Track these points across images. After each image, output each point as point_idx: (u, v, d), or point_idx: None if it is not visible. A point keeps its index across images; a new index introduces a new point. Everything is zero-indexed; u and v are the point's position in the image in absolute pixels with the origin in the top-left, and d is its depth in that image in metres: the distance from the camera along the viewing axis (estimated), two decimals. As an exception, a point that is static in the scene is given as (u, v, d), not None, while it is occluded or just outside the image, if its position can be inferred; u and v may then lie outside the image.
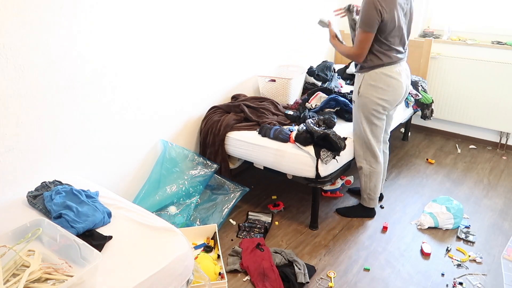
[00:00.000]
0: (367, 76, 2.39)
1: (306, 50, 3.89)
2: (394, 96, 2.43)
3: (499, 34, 3.67)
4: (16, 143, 1.91)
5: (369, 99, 2.41)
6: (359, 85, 2.43)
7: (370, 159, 2.59)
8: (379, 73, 2.36)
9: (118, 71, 2.27)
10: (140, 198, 2.46)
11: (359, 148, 2.60)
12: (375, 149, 2.56)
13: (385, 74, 2.36)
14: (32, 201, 1.80)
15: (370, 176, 2.63)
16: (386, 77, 2.36)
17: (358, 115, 2.51)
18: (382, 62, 2.34)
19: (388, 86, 2.38)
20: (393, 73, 2.37)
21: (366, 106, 2.44)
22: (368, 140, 2.53)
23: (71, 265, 1.42)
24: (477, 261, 2.36)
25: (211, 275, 2.06)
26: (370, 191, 2.68)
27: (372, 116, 2.46)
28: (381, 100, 2.40)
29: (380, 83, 2.37)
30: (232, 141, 2.70)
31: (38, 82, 1.91)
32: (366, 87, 2.40)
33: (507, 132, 3.78)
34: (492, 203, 2.96)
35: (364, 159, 2.61)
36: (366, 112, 2.46)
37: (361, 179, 2.69)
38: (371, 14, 2.20)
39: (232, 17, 2.94)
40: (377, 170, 2.62)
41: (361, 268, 2.31)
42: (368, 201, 2.73)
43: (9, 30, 1.76)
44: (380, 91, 2.38)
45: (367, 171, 2.63)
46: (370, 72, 2.37)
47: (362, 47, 2.30)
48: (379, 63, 2.34)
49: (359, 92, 2.43)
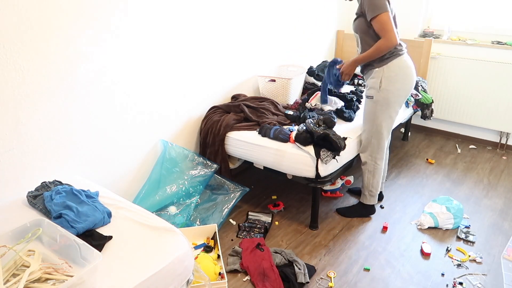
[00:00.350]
0: (387, 69, 2.40)
1: (306, 50, 3.89)
2: (411, 84, 2.49)
3: (499, 34, 3.68)
4: (16, 143, 1.91)
5: (391, 91, 2.43)
6: (380, 79, 2.42)
7: (376, 155, 2.61)
8: (396, 63, 2.39)
9: (118, 71, 2.27)
10: (140, 198, 2.46)
11: (367, 143, 2.60)
12: (384, 145, 2.59)
13: (402, 64, 2.41)
14: (32, 201, 1.80)
15: (374, 173, 2.64)
16: (403, 67, 2.42)
17: (376, 110, 2.49)
18: (397, 51, 2.38)
19: (406, 75, 2.43)
20: (407, 61, 2.44)
21: (388, 99, 2.45)
22: (381, 135, 2.55)
23: (71, 265, 1.42)
24: (477, 261, 2.36)
25: (211, 275, 2.06)
26: (372, 187, 2.68)
27: (393, 109, 2.49)
28: (402, 90, 2.45)
29: (400, 74, 2.41)
30: (232, 141, 2.71)
31: (38, 82, 1.92)
32: (388, 80, 2.41)
33: (507, 132, 3.78)
34: (492, 203, 2.96)
35: (370, 155, 2.62)
36: (388, 106, 2.47)
37: (364, 175, 2.69)
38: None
39: (232, 17, 2.94)
40: (380, 166, 2.64)
41: (361, 268, 2.31)
42: (369, 198, 2.73)
43: (9, 30, 1.76)
44: (401, 81, 2.42)
45: (371, 167, 2.64)
46: (388, 64, 2.39)
47: (390, 29, 2.27)
48: (395, 52, 2.38)
49: (381, 87, 2.42)
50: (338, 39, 4.27)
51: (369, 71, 2.50)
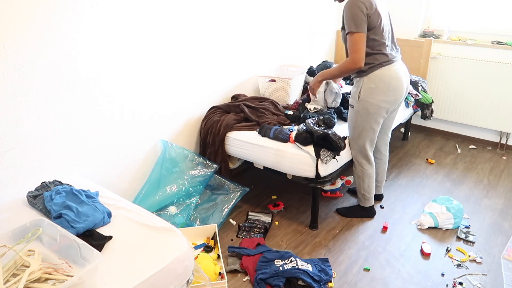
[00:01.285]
0: (367, 80, 2.35)
1: (306, 50, 3.89)
2: (395, 96, 2.40)
3: (499, 34, 3.67)
4: (16, 143, 1.91)
5: (370, 103, 2.37)
6: (359, 89, 2.38)
7: (362, 161, 2.59)
8: (378, 74, 2.33)
9: (118, 71, 2.27)
10: (140, 198, 2.46)
11: (352, 149, 2.60)
12: (368, 153, 2.56)
13: (384, 75, 2.33)
14: (32, 201, 1.80)
15: (363, 178, 2.64)
16: (385, 78, 2.33)
17: (356, 120, 2.46)
18: (379, 62, 2.31)
19: (388, 87, 2.35)
20: (392, 72, 2.34)
21: (367, 110, 2.39)
22: (364, 144, 2.52)
23: (71, 265, 1.42)
24: (477, 261, 2.36)
25: (211, 275, 2.06)
26: (364, 191, 2.68)
27: (373, 121, 2.43)
28: (383, 102, 2.37)
29: (380, 85, 2.34)
30: (232, 141, 2.71)
31: (38, 82, 1.92)
32: (367, 91, 2.36)
33: (507, 132, 3.78)
34: (492, 203, 2.96)
35: (357, 161, 2.61)
36: (367, 118, 2.42)
37: (354, 179, 2.70)
38: (356, 13, 2.18)
39: (232, 17, 2.94)
40: (369, 171, 2.62)
41: (361, 268, 2.31)
42: (363, 201, 2.74)
43: (9, 30, 1.76)
44: (381, 93, 2.35)
45: (359, 172, 2.63)
46: (369, 75, 2.34)
47: (358, 50, 2.22)
48: (376, 63, 2.31)
49: (359, 97, 2.38)
50: (338, 39, 4.28)
51: (353, 79, 2.48)
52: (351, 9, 2.20)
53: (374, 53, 2.31)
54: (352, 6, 2.19)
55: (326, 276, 2.17)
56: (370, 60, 2.31)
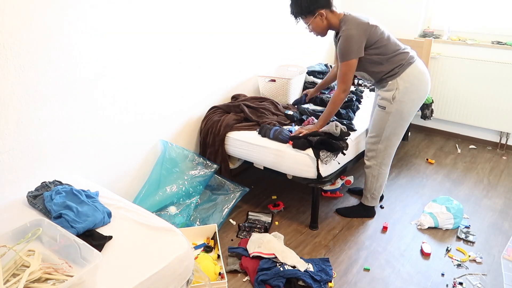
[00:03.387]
0: (401, 81, 2.34)
1: (306, 50, 3.89)
2: (427, 90, 2.44)
3: (499, 34, 3.67)
4: (16, 143, 1.91)
5: (405, 103, 2.36)
6: (394, 92, 2.35)
7: (382, 161, 2.57)
8: (410, 73, 2.33)
9: (118, 71, 2.27)
10: (140, 198, 2.46)
11: (374, 149, 2.56)
12: (393, 152, 2.56)
13: (416, 72, 2.35)
14: (32, 201, 1.80)
15: (378, 177, 2.63)
16: (418, 74, 2.36)
17: (387, 121, 2.42)
18: (405, 60, 2.33)
19: (421, 82, 2.38)
20: (421, 67, 2.39)
21: (402, 111, 2.38)
22: (391, 143, 2.51)
23: (71, 265, 1.42)
24: (477, 261, 2.36)
25: (211, 275, 2.06)
26: (375, 190, 2.68)
27: (406, 120, 2.44)
28: (418, 99, 2.41)
29: (415, 82, 2.35)
30: (232, 141, 2.70)
31: (38, 82, 1.92)
32: (404, 91, 2.34)
33: (507, 132, 3.78)
34: (492, 203, 2.96)
35: (376, 160, 2.58)
36: (401, 117, 2.41)
37: (367, 178, 2.66)
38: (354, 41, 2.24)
39: (232, 17, 2.94)
40: (385, 172, 2.62)
41: (361, 268, 2.31)
42: (370, 200, 2.73)
43: (9, 30, 1.76)
44: (416, 91, 2.37)
45: (376, 172, 2.61)
46: (402, 75, 2.33)
47: (347, 80, 2.32)
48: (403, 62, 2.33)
49: (395, 99, 2.35)
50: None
51: (381, 85, 2.43)
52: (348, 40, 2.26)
53: (396, 55, 2.33)
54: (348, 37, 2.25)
55: (326, 276, 2.17)
56: (395, 61, 2.33)
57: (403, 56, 2.34)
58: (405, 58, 2.34)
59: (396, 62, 2.33)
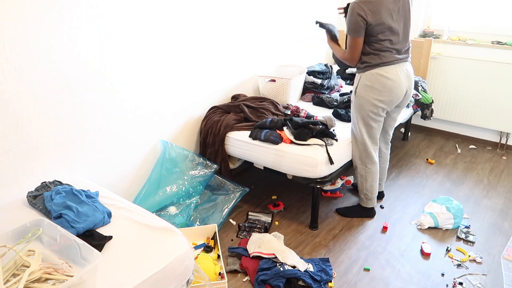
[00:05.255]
0: (364, 77, 2.40)
1: (306, 50, 3.89)
2: (390, 97, 2.41)
3: (499, 34, 3.67)
4: (16, 143, 1.91)
5: (365, 99, 2.42)
6: (356, 85, 2.46)
7: (365, 160, 2.60)
8: (374, 73, 2.36)
9: (118, 71, 2.27)
10: (140, 198, 2.46)
11: (355, 149, 2.62)
12: (370, 151, 2.57)
13: (380, 75, 2.36)
14: (32, 201, 1.80)
15: (365, 177, 2.64)
16: (381, 78, 2.36)
17: (355, 115, 2.53)
18: (376, 63, 2.35)
19: (383, 87, 2.37)
20: (389, 73, 2.36)
21: (363, 106, 2.45)
22: (364, 141, 2.54)
23: (71, 265, 1.42)
24: (477, 261, 2.36)
25: (211, 275, 2.06)
26: (366, 191, 2.69)
27: (368, 117, 2.47)
28: (377, 100, 2.41)
29: (375, 84, 2.37)
30: (232, 141, 2.70)
31: (38, 82, 1.92)
32: (362, 87, 2.42)
33: (507, 132, 3.78)
34: (492, 203, 2.95)
35: (359, 160, 2.62)
36: (363, 113, 2.47)
37: (357, 179, 2.71)
38: (355, 20, 2.26)
39: (232, 17, 2.94)
40: (372, 170, 2.63)
41: (361, 268, 2.31)
42: (366, 201, 2.73)
43: (9, 30, 1.76)
44: (376, 92, 2.39)
45: (362, 171, 2.64)
46: (366, 72, 2.39)
47: (352, 52, 2.37)
48: (373, 63, 2.36)
49: (356, 92, 2.46)
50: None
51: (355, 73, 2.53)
52: (351, 14, 2.28)
53: (372, 54, 2.35)
54: (353, 13, 2.26)
55: (326, 276, 2.17)
56: (366, 59, 2.37)
57: (377, 58, 2.34)
58: (376, 60, 2.35)
59: (367, 59, 2.36)
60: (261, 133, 2.57)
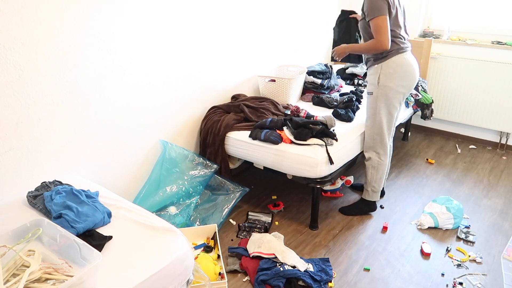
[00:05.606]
0: (385, 66, 2.44)
1: (306, 50, 3.89)
2: (411, 81, 2.51)
3: (499, 34, 3.68)
4: (16, 143, 1.91)
5: (389, 87, 2.46)
6: (378, 75, 2.47)
7: (380, 151, 2.64)
8: (395, 61, 2.43)
9: (118, 71, 2.27)
10: (140, 198, 2.46)
11: (370, 140, 2.64)
12: (386, 141, 2.62)
13: (401, 61, 2.44)
14: (32, 201, 1.80)
15: (377, 168, 2.67)
16: (402, 63, 2.44)
17: (376, 106, 2.54)
18: (395, 49, 2.41)
19: (405, 72, 2.46)
20: (407, 59, 2.46)
21: (387, 95, 2.48)
22: (383, 131, 2.58)
23: (71, 265, 1.42)
24: (477, 261, 2.36)
25: (211, 275, 2.06)
26: (375, 183, 2.70)
27: (392, 105, 2.52)
28: (400, 86, 2.47)
29: (398, 70, 2.44)
30: (232, 141, 2.70)
31: (38, 82, 1.91)
32: (385, 76, 2.45)
33: (507, 132, 3.78)
34: (492, 203, 2.96)
35: (374, 151, 2.66)
36: (386, 102, 2.50)
37: (368, 171, 2.71)
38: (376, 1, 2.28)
39: (232, 17, 2.94)
40: (384, 162, 2.67)
41: (361, 268, 2.31)
42: (371, 194, 2.75)
43: (9, 30, 1.76)
44: (399, 78, 2.45)
45: (375, 163, 2.67)
46: (387, 61, 2.43)
47: (383, 33, 2.30)
48: (393, 49, 2.40)
49: (379, 82, 2.47)
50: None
51: (370, 67, 2.55)
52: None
53: (392, 41, 2.40)
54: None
55: (327, 276, 2.17)
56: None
57: (396, 44, 2.42)
58: (395, 47, 2.42)
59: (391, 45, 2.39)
60: (261, 133, 2.57)
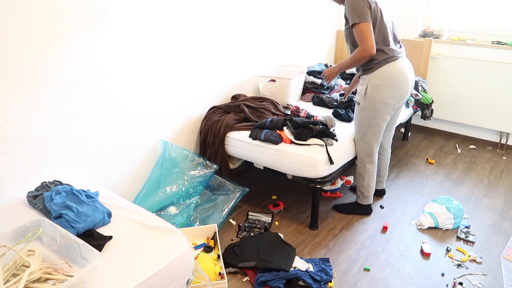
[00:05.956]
0: (373, 77, 2.37)
1: (306, 50, 3.89)
2: (402, 92, 2.42)
3: (499, 34, 3.68)
4: (16, 143, 1.91)
5: (377, 99, 2.39)
6: (365, 86, 2.40)
7: (365, 160, 2.62)
8: (383, 71, 2.34)
9: (118, 71, 2.27)
10: (140, 199, 2.46)
11: (357, 148, 2.63)
12: (373, 151, 2.58)
13: (390, 71, 2.35)
14: (32, 201, 1.80)
15: (363, 176, 2.67)
16: (391, 74, 2.35)
17: (362, 117, 2.49)
18: (383, 58, 2.32)
19: (394, 83, 2.37)
20: (397, 68, 2.36)
21: (374, 107, 2.42)
22: (369, 142, 2.55)
23: (71, 265, 1.42)
24: (477, 261, 2.36)
25: (211, 275, 2.06)
26: (363, 189, 2.71)
27: (380, 116, 2.45)
28: (389, 98, 2.39)
29: (387, 81, 2.36)
30: (232, 141, 2.70)
31: (38, 82, 1.92)
32: (373, 87, 2.38)
33: (507, 132, 3.78)
34: (492, 203, 2.95)
35: (360, 159, 2.64)
36: (374, 113, 2.44)
37: (356, 177, 2.73)
38: (358, 5, 2.20)
39: (232, 17, 2.94)
40: (370, 170, 2.65)
41: (361, 268, 2.31)
42: (362, 199, 2.75)
43: (9, 30, 1.76)
44: (387, 89, 2.37)
45: (361, 170, 2.67)
46: (375, 71, 2.36)
47: (366, 38, 2.22)
48: (380, 59, 2.32)
49: (366, 94, 2.40)
50: (338, 39, 4.27)
51: (360, 76, 2.50)
52: (353, 2, 2.21)
53: (378, 50, 2.31)
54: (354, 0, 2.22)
55: (327, 276, 2.17)
56: (375, 56, 2.32)
57: (384, 53, 2.33)
58: (383, 56, 2.33)
59: (378, 55, 2.32)
60: (261, 133, 2.57)
